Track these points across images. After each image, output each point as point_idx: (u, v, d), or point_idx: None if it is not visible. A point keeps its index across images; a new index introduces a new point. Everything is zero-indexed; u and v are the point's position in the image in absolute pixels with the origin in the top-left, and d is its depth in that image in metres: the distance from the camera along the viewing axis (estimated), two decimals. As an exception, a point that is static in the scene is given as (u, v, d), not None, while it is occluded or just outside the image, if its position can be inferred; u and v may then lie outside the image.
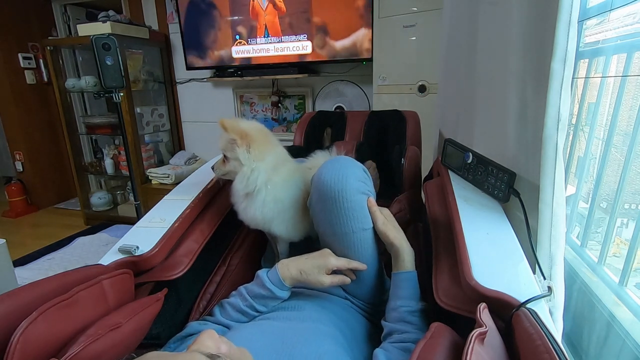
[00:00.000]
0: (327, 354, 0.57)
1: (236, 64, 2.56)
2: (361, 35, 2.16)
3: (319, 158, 1.01)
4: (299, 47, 2.35)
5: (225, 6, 2.44)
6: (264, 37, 2.40)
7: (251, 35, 2.45)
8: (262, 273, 0.73)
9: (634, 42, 0.72)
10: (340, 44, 2.22)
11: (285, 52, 2.39)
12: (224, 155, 0.81)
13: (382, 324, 0.69)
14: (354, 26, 2.16)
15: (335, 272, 0.73)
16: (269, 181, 0.79)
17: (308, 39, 2.31)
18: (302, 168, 0.91)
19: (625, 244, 0.76)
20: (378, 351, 0.59)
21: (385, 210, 0.76)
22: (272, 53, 2.43)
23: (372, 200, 0.73)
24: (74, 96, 3.01)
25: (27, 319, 0.45)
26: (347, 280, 0.73)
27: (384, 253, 0.77)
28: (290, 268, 0.72)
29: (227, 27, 2.49)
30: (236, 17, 2.45)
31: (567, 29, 0.51)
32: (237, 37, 2.48)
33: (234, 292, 0.75)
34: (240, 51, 2.51)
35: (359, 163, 0.75)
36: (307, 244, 0.89)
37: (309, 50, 2.33)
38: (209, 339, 0.39)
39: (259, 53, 2.47)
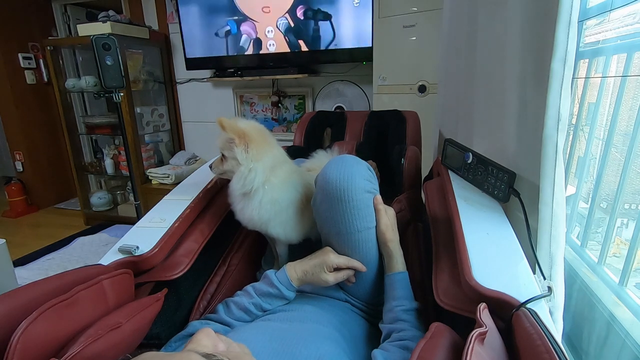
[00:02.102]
0: (327, 355, 0.57)
1: (236, 63, 2.55)
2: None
3: (320, 158, 1.01)
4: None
5: (227, 5, 2.44)
6: (265, 35, 2.40)
7: (252, 34, 2.45)
8: (270, 273, 0.75)
9: (634, 42, 0.72)
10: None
11: (286, 50, 2.39)
12: (222, 154, 0.81)
13: (380, 326, 0.70)
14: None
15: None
16: (266, 182, 0.79)
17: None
18: (300, 170, 0.90)
19: (625, 244, 0.76)
20: (376, 352, 0.59)
21: (390, 211, 0.77)
22: (272, 50, 2.43)
23: (379, 198, 0.74)
24: (74, 96, 3.01)
25: (27, 319, 0.45)
26: (352, 272, 0.74)
27: None
28: (296, 269, 0.74)
29: (227, 26, 2.49)
30: (236, 17, 2.45)
31: (567, 29, 0.51)
32: (237, 36, 2.48)
33: (239, 292, 0.76)
34: (240, 50, 2.51)
35: (363, 161, 0.74)
36: (306, 246, 0.89)
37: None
38: (205, 337, 0.38)
39: (260, 52, 2.47)
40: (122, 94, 2.11)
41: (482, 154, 0.78)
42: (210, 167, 0.86)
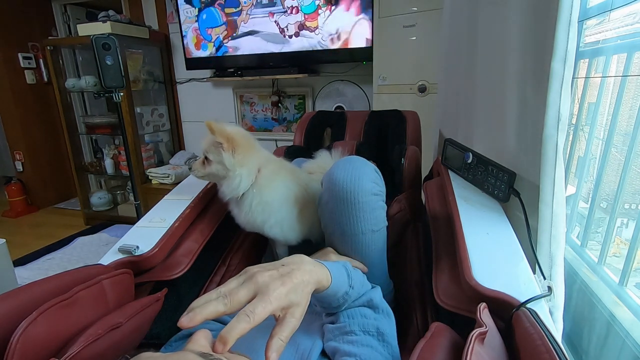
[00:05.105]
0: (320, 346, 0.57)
1: (236, 63, 2.55)
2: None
3: (324, 159, 1.01)
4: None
5: (227, 4, 2.44)
6: (265, 34, 2.41)
7: (252, 33, 2.45)
8: None
9: (634, 42, 0.72)
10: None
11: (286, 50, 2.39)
12: (205, 157, 0.80)
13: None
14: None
15: None
16: (254, 185, 0.80)
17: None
18: (291, 167, 0.90)
19: (625, 244, 0.76)
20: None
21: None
22: (271, 50, 2.42)
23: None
24: (74, 96, 3.01)
25: (27, 319, 0.45)
26: None
27: (390, 249, 0.77)
28: None
29: (227, 25, 2.49)
30: (236, 17, 2.45)
31: (567, 29, 0.51)
32: (238, 34, 2.48)
33: None
34: (240, 50, 2.51)
35: (371, 164, 0.74)
36: (306, 247, 0.89)
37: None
38: (202, 338, 0.39)
39: (260, 51, 2.47)
40: (122, 93, 2.11)
41: (482, 154, 0.78)
42: (190, 169, 0.83)
